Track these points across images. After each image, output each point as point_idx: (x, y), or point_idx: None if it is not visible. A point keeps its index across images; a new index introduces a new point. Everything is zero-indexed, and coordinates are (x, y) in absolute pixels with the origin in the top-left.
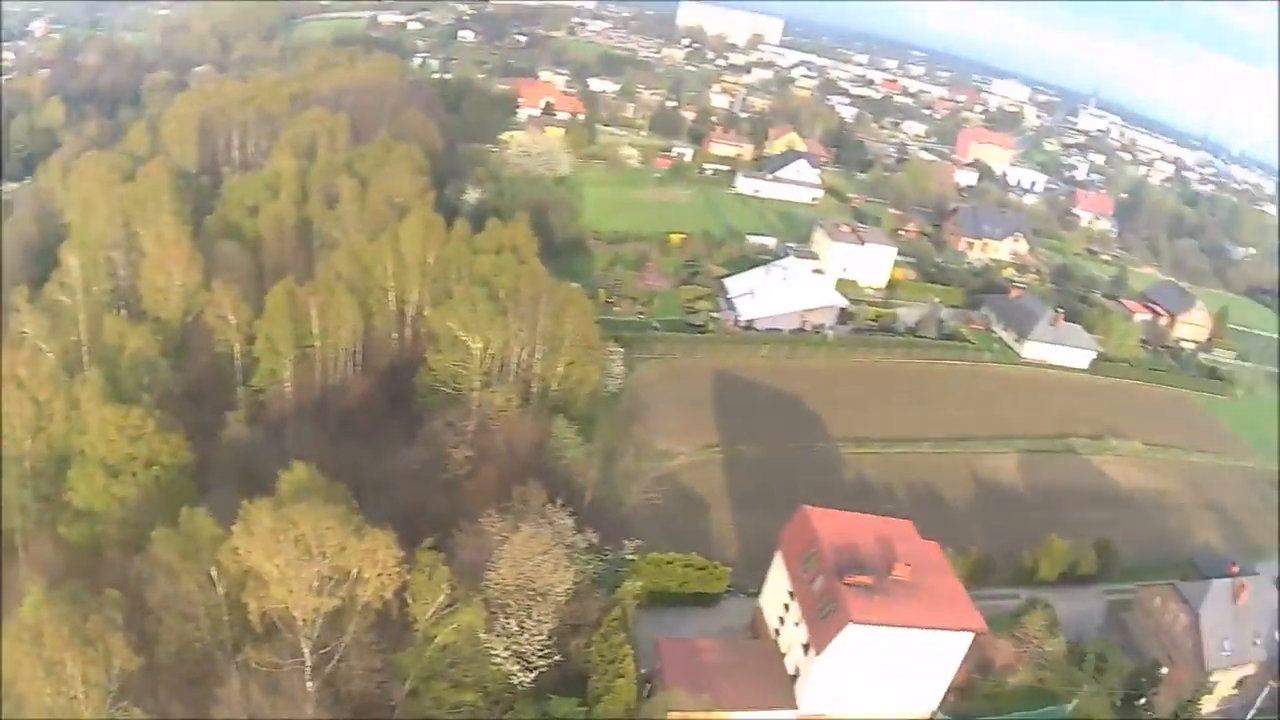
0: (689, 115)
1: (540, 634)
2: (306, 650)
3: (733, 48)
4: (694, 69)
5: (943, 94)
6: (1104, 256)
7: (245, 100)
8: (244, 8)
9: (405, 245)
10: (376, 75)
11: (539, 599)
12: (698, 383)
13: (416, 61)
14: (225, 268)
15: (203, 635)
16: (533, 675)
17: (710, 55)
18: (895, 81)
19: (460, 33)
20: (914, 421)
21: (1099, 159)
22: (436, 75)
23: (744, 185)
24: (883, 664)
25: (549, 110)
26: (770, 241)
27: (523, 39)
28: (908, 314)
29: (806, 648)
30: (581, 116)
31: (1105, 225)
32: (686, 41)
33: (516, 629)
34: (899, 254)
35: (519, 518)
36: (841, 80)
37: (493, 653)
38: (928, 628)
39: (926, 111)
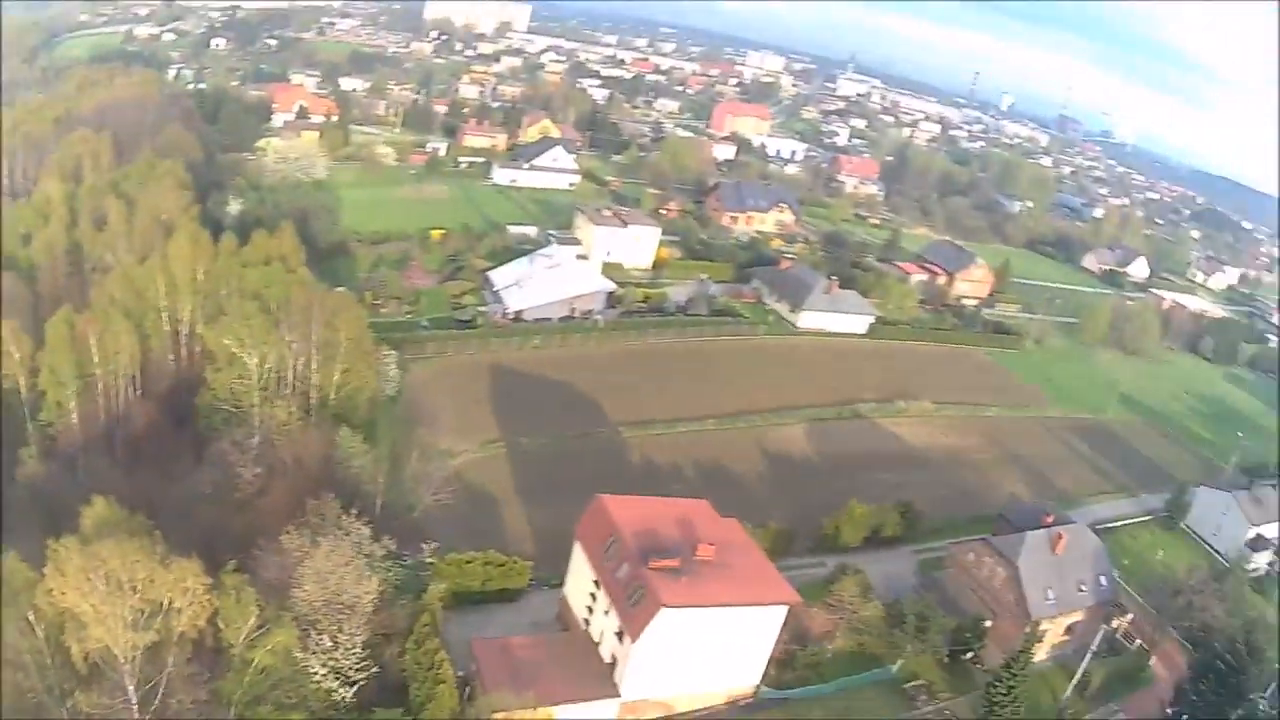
0: (441, 109)
1: (354, 647)
2: (131, 688)
3: (481, 37)
4: (443, 61)
5: (695, 69)
6: (873, 220)
7: (12, 126)
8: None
9: (175, 264)
10: (136, 91)
11: (348, 612)
12: (473, 379)
13: (172, 73)
14: (5, 300)
15: (33, 683)
16: (353, 689)
17: (459, 46)
18: (646, 60)
19: (213, 41)
20: (695, 400)
21: (861, 123)
22: (192, 86)
23: (500, 176)
24: (700, 644)
25: (303, 114)
26: (532, 230)
27: (273, 43)
28: (677, 293)
29: (621, 635)
30: (335, 118)
31: (872, 189)
32: (435, 34)
33: (330, 645)
34: (663, 233)
35: (316, 531)
36: (591, 63)
37: (311, 671)
38: (740, 605)
39: (680, 88)
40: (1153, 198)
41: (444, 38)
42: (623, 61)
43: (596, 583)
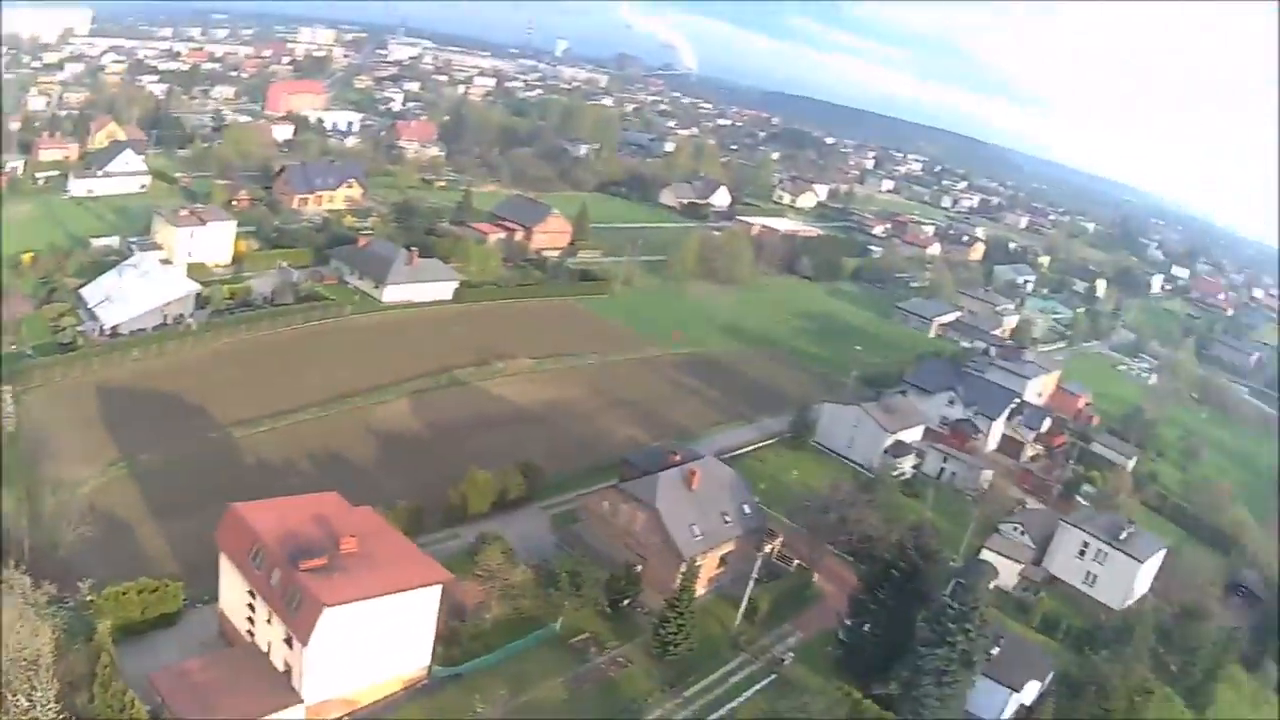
0: (15, 126)
1: (49, 703)
2: None
3: (45, 47)
4: (12, 76)
5: (249, 52)
6: (439, 183)
7: None
8: None
9: None
10: None
11: (34, 668)
12: (83, 402)
13: None
14: None
15: None
16: None
17: (26, 59)
18: (202, 50)
19: None
20: (295, 390)
21: (415, 86)
22: None
23: (76, 187)
24: (367, 637)
25: None
26: (114, 241)
27: None
28: (261, 284)
29: (290, 641)
30: None
31: (434, 151)
32: (4, 50)
33: (27, 704)
34: (238, 225)
35: None
36: (150, 59)
37: None
38: (398, 591)
39: (235, 73)
40: (724, 124)
41: (13, 52)
42: (179, 54)
43: (252, 593)
